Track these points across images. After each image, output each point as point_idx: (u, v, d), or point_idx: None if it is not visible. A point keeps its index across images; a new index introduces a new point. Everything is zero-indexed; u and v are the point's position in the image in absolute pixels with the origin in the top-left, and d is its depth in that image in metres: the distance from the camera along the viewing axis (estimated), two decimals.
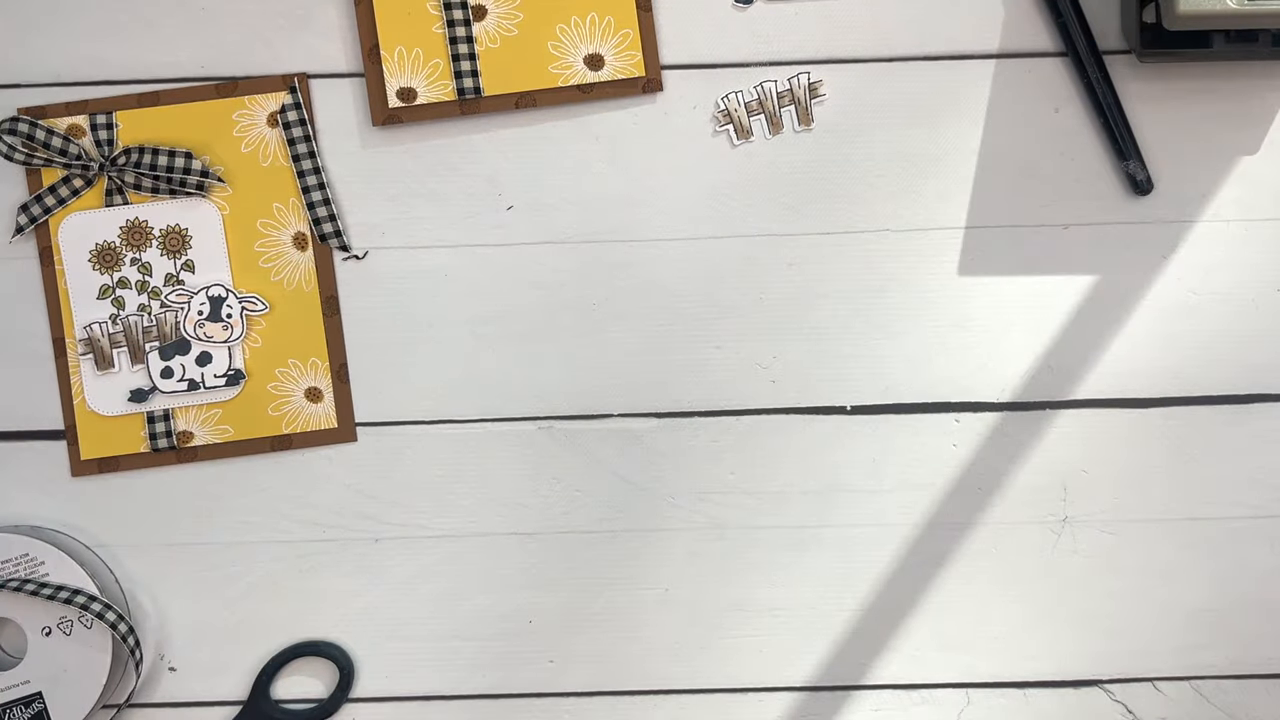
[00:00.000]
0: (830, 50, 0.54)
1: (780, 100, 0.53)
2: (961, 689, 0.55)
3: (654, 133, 0.54)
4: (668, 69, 0.54)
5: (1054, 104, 0.54)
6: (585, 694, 0.55)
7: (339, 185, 0.55)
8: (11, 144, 0.54)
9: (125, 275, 0.55)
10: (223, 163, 0.54)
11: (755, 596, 0.55)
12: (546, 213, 0.55)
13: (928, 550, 0.54)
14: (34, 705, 0.53)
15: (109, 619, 0.53)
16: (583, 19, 0.53)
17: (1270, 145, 0.53)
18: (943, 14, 0.53)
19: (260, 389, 0.55)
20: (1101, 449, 0.54)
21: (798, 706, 0.55)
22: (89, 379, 0.55)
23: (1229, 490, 0.54)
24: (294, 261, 0.55)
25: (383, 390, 0.55)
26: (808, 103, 0.53)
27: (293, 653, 0.55)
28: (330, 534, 0.55)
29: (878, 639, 0.55)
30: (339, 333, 0.55)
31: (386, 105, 0.54)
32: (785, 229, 0.54)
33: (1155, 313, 0.54)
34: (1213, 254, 0.54)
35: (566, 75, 0.53)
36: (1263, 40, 0.50)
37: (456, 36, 0.53)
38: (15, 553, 0.53)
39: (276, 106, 0.54)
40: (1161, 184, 0.53)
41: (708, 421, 0.55)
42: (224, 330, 0.55)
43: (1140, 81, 0.53)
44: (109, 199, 0.55)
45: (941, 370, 0.54)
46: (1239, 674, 0.54)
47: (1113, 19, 0.53)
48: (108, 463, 0.55)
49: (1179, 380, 0.54)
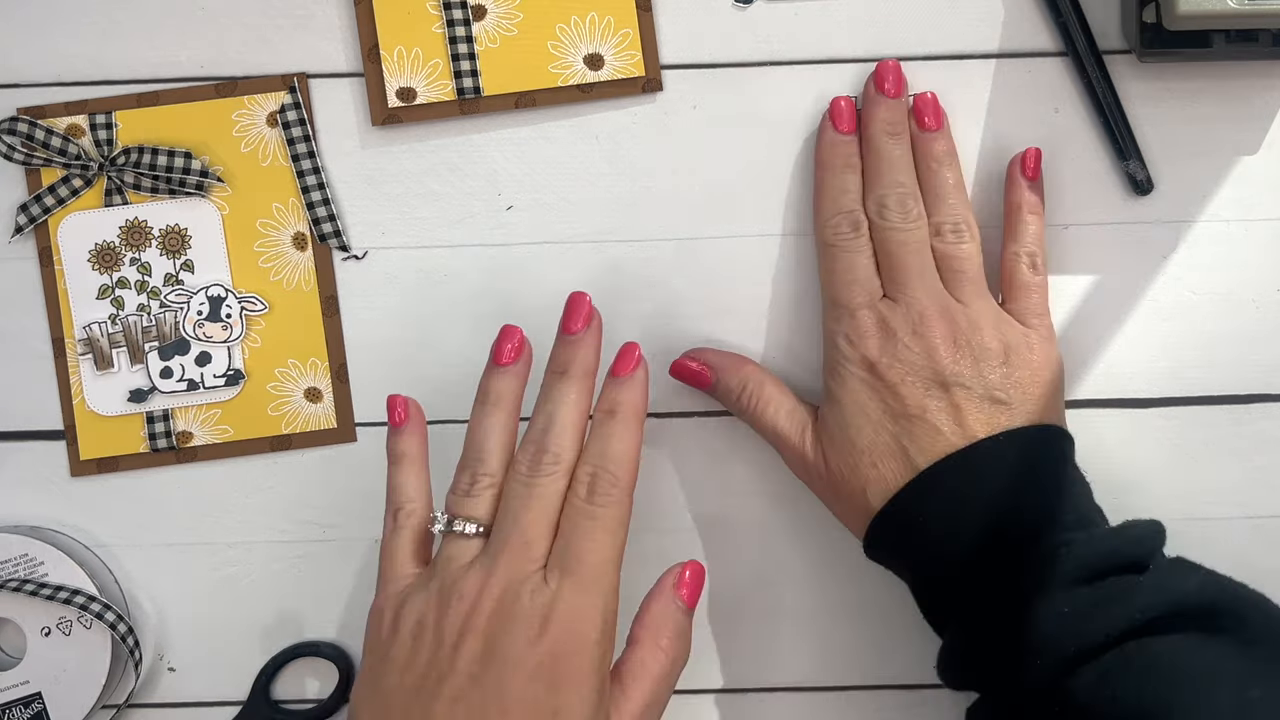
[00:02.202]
0: (830, 50, 0.54)
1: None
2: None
3: (654, 133, 0.54)
4: (668, 69, 0.54)
5: (1054, 104, 0.54)
6: None
7: (339, 185, 0.55)
8: (11, 144, 0.54)
9: (125, 275, 0.55)
10: (222, 163, 0.54)
11: (755, 596, 0.55)
12: (546, 213, 0.55)
13: None
14: (33, 705, 0.53)
15: (108, 619, 0.53)
16: (582, 19, 0.53)
17: (1270, 145, 0.53)
18: (943, 14, 0.53)
19: (260, 389, 0.55)
20: (1101, 449, 0.54)
21: (798, 706, 0.55)
22: (88, 379, 0.55)
23: (1229, 490, 0.54)
24: (293, 261, 0.55)
25: (383, 390, 0.55)
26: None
27: (293, 653, 0.55)
28: (330, 534, 0.55)
29: (878, 639, 0.55)
30: (338, 333, 0.55)
31: (386, 105, 0.54)
32: (786, 229, 0.54)
33: (1155, 313, 0.54)
34: (1213, 254, 0.54)
35: (566, 75, 0.53)
36: (1263, 40, 0.50)
37: (456, 36, 0.53)
38: (14, 553, 0.53)
39: (276, 106, 0.54)
40: (1161, 184, 0.53)
41: (708, 421, 0.54)
42: (223, 330, 0.55)
43: (1140, 81, 0.53)
44: (108, 199, 0.55)
45: None
46: None
47: (1113, 19, 0.53)
48: (107, 463, 0.55)
49: (1179, 380, 0.54)
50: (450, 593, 0.43)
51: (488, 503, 0.45)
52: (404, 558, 0.46)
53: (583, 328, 0.47)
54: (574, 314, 0.47)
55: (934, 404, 0.47)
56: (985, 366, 0.47)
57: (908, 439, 0.47)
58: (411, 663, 0.43)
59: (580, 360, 0.46)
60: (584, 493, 0.44)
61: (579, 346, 0.46)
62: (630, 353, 0.47)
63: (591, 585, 0.43)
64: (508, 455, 0.46)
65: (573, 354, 0.46)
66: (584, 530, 0.44)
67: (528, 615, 0.42)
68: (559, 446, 0.45)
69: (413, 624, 0.43)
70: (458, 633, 0.42)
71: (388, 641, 0.44)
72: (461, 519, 0.45)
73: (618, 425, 0.45)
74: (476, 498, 0.45)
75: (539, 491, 0.44)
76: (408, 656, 0.43)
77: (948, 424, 0.47)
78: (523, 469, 0.45)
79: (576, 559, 0.43)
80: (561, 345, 0.47)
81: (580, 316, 0.47)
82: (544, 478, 0.44)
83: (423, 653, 0.43)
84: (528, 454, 0.45)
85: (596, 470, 0.45)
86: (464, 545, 0.45)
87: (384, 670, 0.43)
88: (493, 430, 0.46)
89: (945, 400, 0.47)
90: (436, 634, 0.43)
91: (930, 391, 0.47)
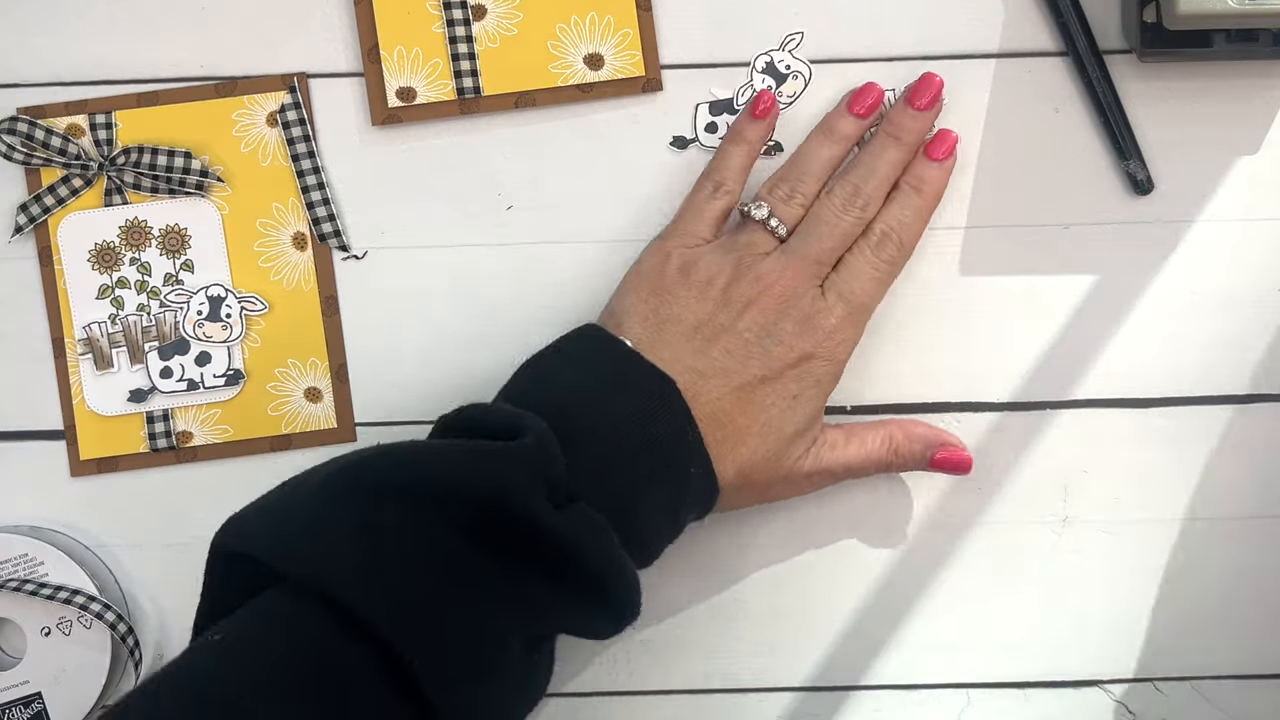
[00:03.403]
0: (830, 50, 0.54)
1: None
2: (961, 689, 0.55)
3: (654, 133, 0.54)
4: (668, 69, 0.54)
5: (1054, 104, 0.54)
6: (583, 694, 0.55)
7: (339, 185, 0.55)
8: (11, 144, 0.54)
9: (124, 275, 0.55)
10: (222, 162, 0.54)
11: (755, 596, 0.55)
12: (546, 213, 0.54)
13: (927, 550, 0.54)
14: (33, 705, 0.53)
15: (108, 619, 0.53)
16: (582, 19, 0.53)
17: (1270, 145, 0.53)
18: (943, 14, 0.53)
19: (259, 389, 0.55)
20: (1101, 449, 0.54)
21: (798, 706, 0.55)
22: (88, 379, 0.55)
23: (1229, 490, 0.54)
24: (293, 261, 0.55)
25: (382, 390, 0.55)
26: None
27: None
28: None
29: (878, 639, 0.55)
30: (338, 333, 0.55)
31: (386, 105, 0.54)
32: None
33: (1155, 313, 0.54)
34: (1213, 254, 0.54)
35: (566, 75, 0.53)
36: (1263, 40, 0.50)
37: (456, 36, 0.53)
38: (14, 553, 0.53)
39: (276, 106, 0.54)
40: (1161, 184, 0.53)
41: None
42: (223, 330, 0.55)
43: (1140, 81, 0.53)
44: (108, 199, 0.55)
45: (942, 370, 0.54)
46: (1239, 674, 0.54)
47: (1113, 19, 0.53)
48: (107, 463, 0.55)
49: (1179, 380, 0.54)
50: (748, 268, 0.49)
51: (798, 213, 0.51)
52: (707, 222, 0.52)
53: (928, 106, 0.52)
54: (923, 90, 0.52)
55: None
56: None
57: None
58: (693, 308, 0.49)
59: (915, 131, 0.52)
60: (874, 243, 0.50)
61: (918, 120, 0.52)
62: (947, 138, 0.52)
63: (857, 318, 0.50)
64: (820, 185, 0.52)
65: (910, 124, 0.52)
66: (865, 274, 0.50)
67: (802, 315, 0.49)
68: (870, 195, 0.50)
69: (704, 278, 0.49)
70: (744, 301, 0.49)
71: (674, 282, 0.50)
72: (777, 218, 0.50)
73: (918, 199, 0.51)
74: (792, 206, 0.51)
75: (843, 227, 0.50)
76: (692, 301, 0.49)
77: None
78: (837, 201, 0.50)
79: (852, 290, 0.50)
80: (903, 114, 0.52)
81: (929, 95, 0.52)
82: (850, 216, 0.50)
83: (707, 304, 0.49)
84: (845, 191, 0.51)
85: (889, 230, 0.50)
86: (766, 239, 0.50)
87: (665, 301, 0.49)
88: (821, 156, 0.52)
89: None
90: (725, 295, 0.49)
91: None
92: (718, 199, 0.52)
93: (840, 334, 0.49)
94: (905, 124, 0.52)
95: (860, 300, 0.50)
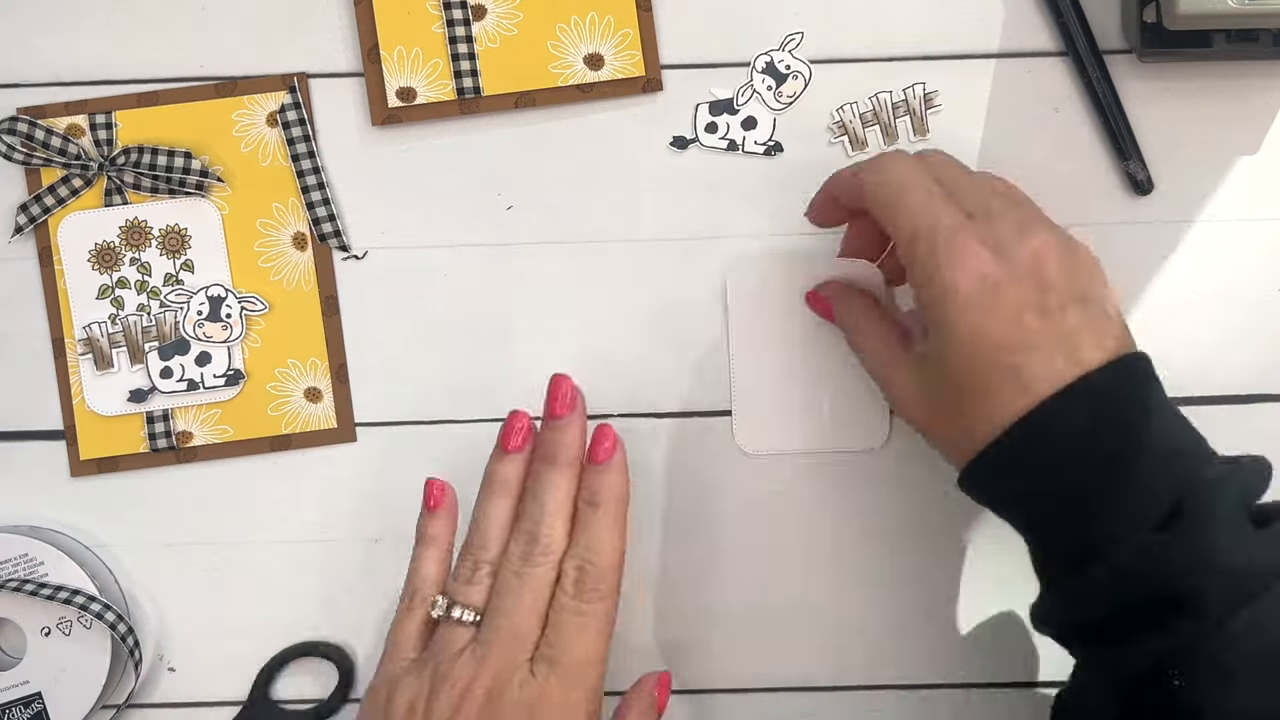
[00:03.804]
0: (830, 50, 0.54)
1: (895, 111, 0.53)
2: (961, 689, 0.55)
3: (654, 133, 0.54)
4: (668, 69, 0.54)
5: (1054, 104, 0.54)
6: None
7: (339, 185, 0.55)
8: (11, 144, 0.54)
9: (124, 275, 0.55)
10: (222, 163, 0.54)
11: (755, 596, 0.55)
12: (546, 213, 0.55)
13: (927, 549, 0.54)
14: (33, 705, 0.53)
15: (108, 619, 0.53)
16: (582, 18, 0.53)
17: (1270, 145, 0.53)
18: (943, 14, 0.53)
19: (259, 389, 0.55)
20: None
21: (798, 706, 0.55)
22: (88, 379, 0.55)
23: None
24: (293, 261, 0.55)
25: (382, 390, 0.55)
26: (923, 113, 0.53)
27: (293, 653, 0.55)
28: (330, 534, 0.55)
29: (878, 639, 0.55)
30: (338, 333, 0.55)
31: (386, 105, 0.54)
32: (784, 229, 0.54)
33: (1155, 313, 0.54)
34: (1213, 254, 0.54)
35: (566, 75, 0.53)
36: (1263, 40, 0.50)
37: (456, 36, 0.53)
38: (14, 553, 0.53)
39: (276, 106, 0.54)
40: (1161, 184, 0.53)
41: (710, 421, 0.54)
42: (223, 330, 0.55)
43: (1140, 81, 0.53)
44: (108, 199, 0.55)
45: None
46: None
47: (1113, 19, 0.53)
48: (107, 463, 0.55)
49: (1179, 380, 0.54)
50: (443, 679, 0.45)
51: (486, 590, 0.47)
52: (409, 640, 0.48)
53: (566, 412, 0.48)
54: (556, 398, 0.48)
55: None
56: None
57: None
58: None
59: (566, 446, 0.48)
60: (571, 589, 0.46)
61: (564, 432, 0.48)
62: (605, 437, 0.48)
63: (578, 681, 0.45)
64: (504, 544, 0.47)
65: (559, 440, 0.48)
66: (572, 626, 0.45)
67: (515, 707, 0.44)
68: (549, 537, 0.46)
69: (404, 707, 0.45)
70: (448, 717, 0.44)
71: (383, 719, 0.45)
72: (460, 605, 0.46)
73: (600, 514, 0.47)
74: (477, 585, 0.47)
75: (530, 583, 0.46)
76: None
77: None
78: (515, 559, 0.46)
79: (564, 653, 0.45)
80: (548, 430, 0.48)
81: (563, 400, 0.48)
82: (535, 568, 0.46)
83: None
84: (521, 542, 0.47)
85: (583, 565, 0.46)
86: (460, 632, 0.46)
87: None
88: (497, 517, 0.48)
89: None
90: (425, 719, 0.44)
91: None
92: (414, 610, 0.48)
93: (568, 706, 0.44)
94: (553, 441, 0.48)
95: (578, 660, 0.45)
